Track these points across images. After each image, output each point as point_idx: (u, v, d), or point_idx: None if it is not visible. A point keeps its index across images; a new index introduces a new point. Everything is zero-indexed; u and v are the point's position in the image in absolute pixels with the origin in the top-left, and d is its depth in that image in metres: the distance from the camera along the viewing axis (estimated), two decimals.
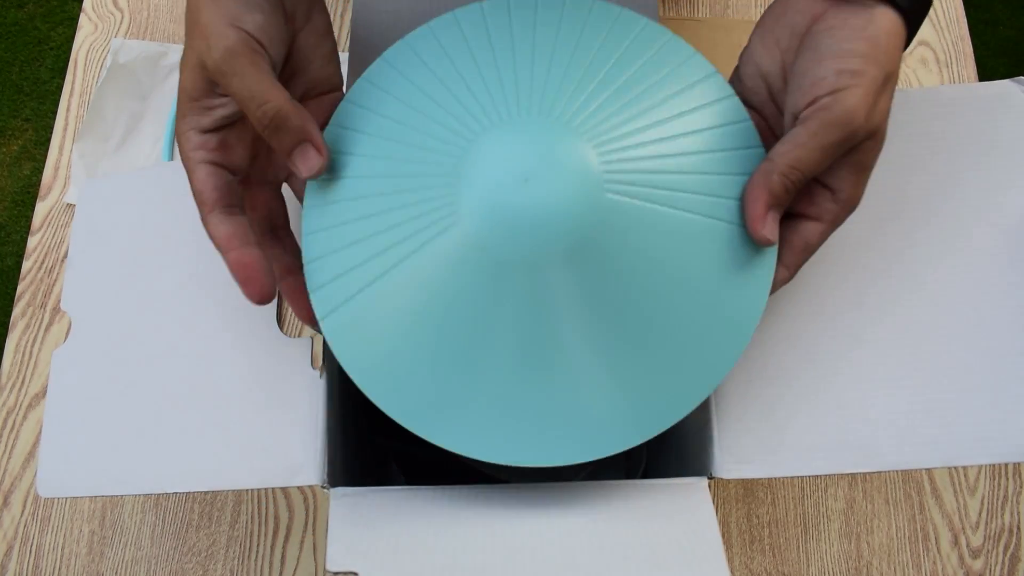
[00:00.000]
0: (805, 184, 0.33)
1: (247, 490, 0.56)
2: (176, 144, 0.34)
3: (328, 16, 0.37)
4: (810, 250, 0.34)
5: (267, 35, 0.33)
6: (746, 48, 0.37)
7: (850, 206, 0.34)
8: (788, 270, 0.34)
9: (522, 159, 0.33)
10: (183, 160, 0.34)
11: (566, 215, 0.32)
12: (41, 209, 0.64)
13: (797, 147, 0.32)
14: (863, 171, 0.33)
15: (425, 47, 0.36)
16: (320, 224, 0.35)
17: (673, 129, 0.34)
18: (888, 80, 0.33)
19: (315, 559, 0.55)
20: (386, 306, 0.34)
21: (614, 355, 0.34)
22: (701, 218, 0.34)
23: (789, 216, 0.34)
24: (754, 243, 0.33)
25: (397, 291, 0.33)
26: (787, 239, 0.34)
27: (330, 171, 0.35)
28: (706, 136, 0.35)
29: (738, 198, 0.34)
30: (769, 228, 0.33)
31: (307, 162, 0.33)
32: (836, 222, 0.34)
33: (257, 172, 0.36)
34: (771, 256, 0.34)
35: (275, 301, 0.37)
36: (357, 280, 0.34)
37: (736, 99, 0.35)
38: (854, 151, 0.33)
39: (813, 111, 0.32)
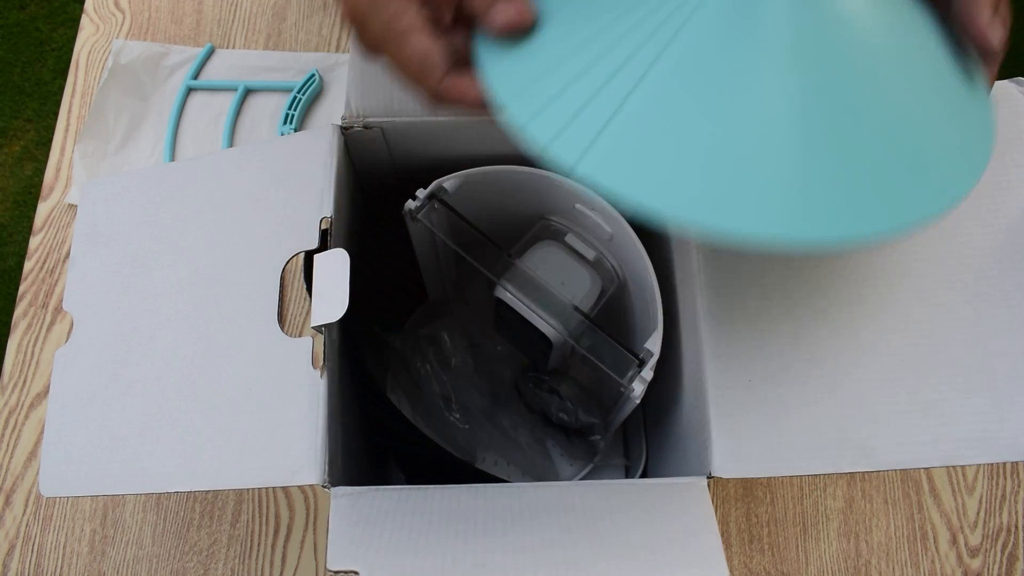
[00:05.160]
0: None
1: (248, 489, 0.56)
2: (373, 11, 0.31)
3: None
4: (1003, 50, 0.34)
5: None
6: None
7: None
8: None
9: None
10: (395, 28, 0.31)
11: None
12: (43, 209, 0.64)
13: None
14: None
15: None
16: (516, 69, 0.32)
17: None
18: None
19: (316, 558, 0.55)
20: (648, 118, 0.29)
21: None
22: None
23: None
24: (977, 51, 0.33)
25: (655, 98, 0.30)
26: None
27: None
28: None
29: None
30: (996, 33, 0.32)
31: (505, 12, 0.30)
32: (1005, 21, 0.33)
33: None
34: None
35: (275, 300, 0.38)
36: (602, 109, 0.30)
37: None
38: None
39: None
